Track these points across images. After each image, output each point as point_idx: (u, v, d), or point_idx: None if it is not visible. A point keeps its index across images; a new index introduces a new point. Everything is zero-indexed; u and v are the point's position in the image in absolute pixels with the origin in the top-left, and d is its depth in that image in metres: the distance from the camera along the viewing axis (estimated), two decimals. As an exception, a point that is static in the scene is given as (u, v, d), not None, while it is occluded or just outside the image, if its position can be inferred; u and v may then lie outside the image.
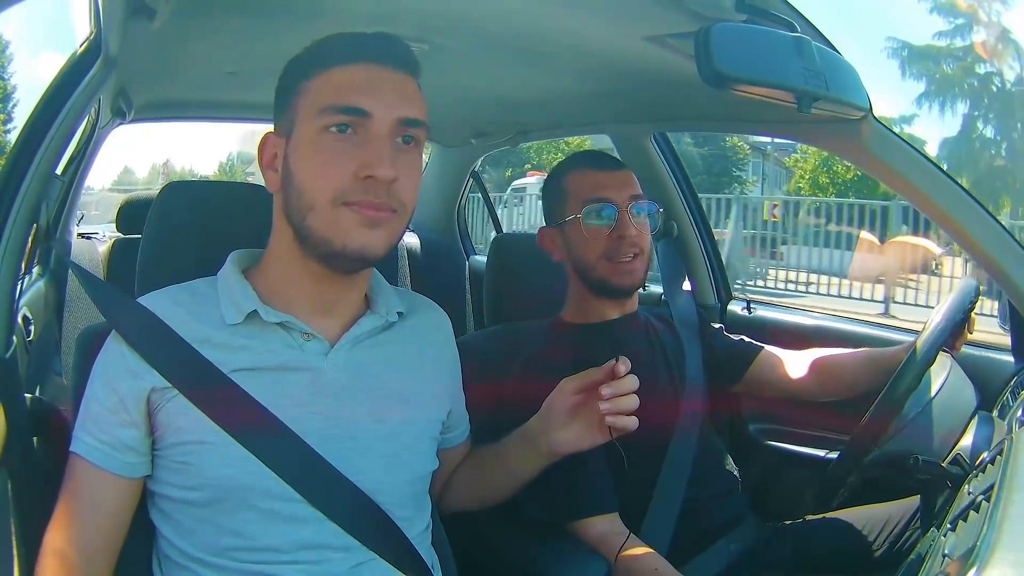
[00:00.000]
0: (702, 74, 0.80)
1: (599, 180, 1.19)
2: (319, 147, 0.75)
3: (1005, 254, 1.06)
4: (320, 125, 0.75)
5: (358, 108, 0.75)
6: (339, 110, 0.75)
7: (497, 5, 0.99)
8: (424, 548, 0.85)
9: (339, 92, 0.75)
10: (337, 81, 0.76)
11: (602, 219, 1.16)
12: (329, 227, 0.75)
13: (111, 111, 1.59)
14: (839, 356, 1.25)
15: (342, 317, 0.83)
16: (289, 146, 0.77)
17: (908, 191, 1.09)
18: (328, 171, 0.74)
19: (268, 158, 0.80)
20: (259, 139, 0.82)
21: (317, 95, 0.76)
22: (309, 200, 0.75)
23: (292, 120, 0.77)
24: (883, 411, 1.01)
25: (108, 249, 2.03)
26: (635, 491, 1.09)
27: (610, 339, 1.20)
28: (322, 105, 0.75)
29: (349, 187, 0.74)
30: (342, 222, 0.74)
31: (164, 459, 0.77)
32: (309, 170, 0.75)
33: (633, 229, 1.16)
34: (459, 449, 1.00)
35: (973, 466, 0.93)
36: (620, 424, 0.84)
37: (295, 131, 0.77)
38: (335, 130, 0.75)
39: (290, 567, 0.76)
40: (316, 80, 0.77)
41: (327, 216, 0.74)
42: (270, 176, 0.80)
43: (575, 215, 1.17)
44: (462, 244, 2.47)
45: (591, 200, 1.17)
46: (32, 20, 1.06)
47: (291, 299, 0.80)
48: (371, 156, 0.74)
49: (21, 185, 0.78)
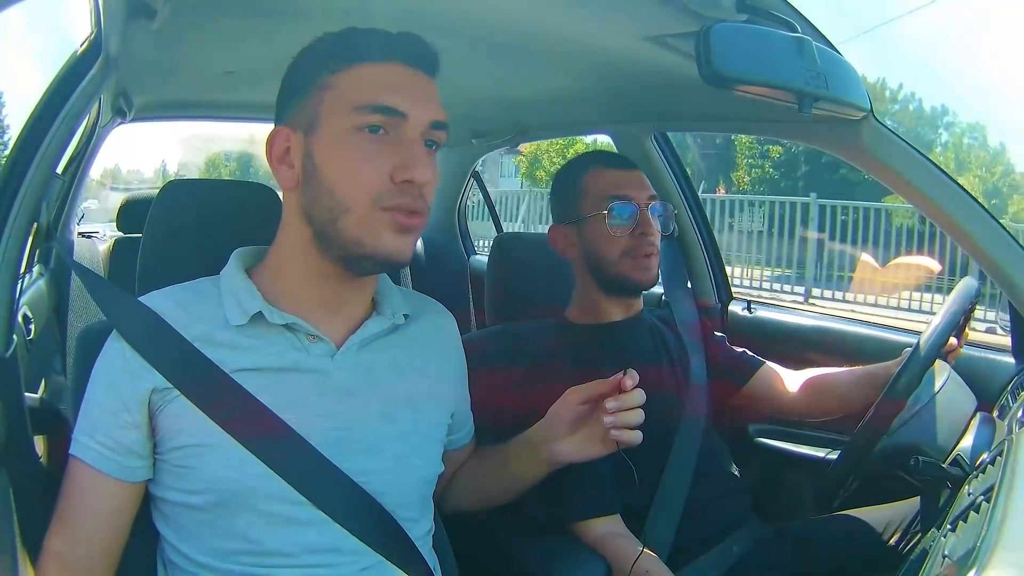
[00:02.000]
0: (702, 74, 0.80)
1: (620, 179, 1.21)
2: (352, 146, 0.73)
3: (1005, 255, 1.06)
4: (353, 123, 0.73)
5: (395, 109, 0.73)
6: (376, 109, 0.73)
7: (498, 5, 0.99)
8: (427, 550, 0.85)
9: (374, 90, 0.73)
10: (369, 78, 0.74)
11: (625, 217, 1.18)
12: (363, 230, 0.73)
13: (111, 110, 1.59)
14: (833, 376, 1.27)
15: (349, 319, 0.82)
16: (313, 142, 0.75)
17: (908, 192, 1.09)
18: (364, 172, 0.73)
19: (279, 153, 0.77)
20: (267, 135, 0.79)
21: (348, 91, 0.74)
22: (344, 202, 0.73)
23: (315, 114, 0.75)
24: (884, 409, 1.01)
25: (109, 248, 2.04)
26: (638, 492, 1.09)
27: (616, 340, 1.21)
28: (357, 103, 0.73)
29: (386, 190, 0.73)
30: (377, 226, 0.73)
31: (166, 463, 0.76)
32: (342, 170, 0.73)
33: (653, 227, 1.18)
34: (463, 451, 0.99)
35: (973, 467, 0.93)
36: (624, 438, 0.84)
37: (321, 126, 0.74)
38: (368, 130, 0.73)
39: (297, 571, 0.75)
40: (344, 75, 0.74)
41: (364, 219, 0.73)
42: (284, 172, 0.77)
43: (597, 212, 1.18)
44: (463, 244, 2.48)
45: (615, 198, 1.18)
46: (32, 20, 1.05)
47: (298, 300, 0.79)
48: (408, 158, 0.73)
49: (21, 184, 0.78)
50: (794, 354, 1.58)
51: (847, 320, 1.66)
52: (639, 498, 1.10)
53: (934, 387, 1.03)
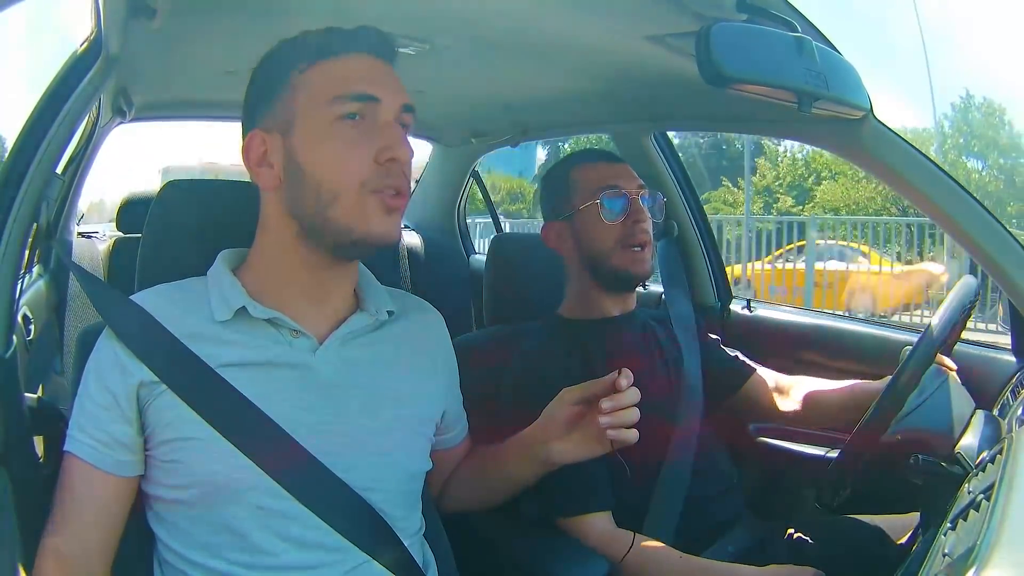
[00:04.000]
0: (703, 74, 0.80)
1: (609, 171, 1.22)
2: (334, 136, 0.76)
3: (1005, 254, 1.06)
4: (332, 115, 0.76)
5: (370, 95, 0.76)
6: (353, 98, 0.76)
7: (498, 5, 0.99)
8: (416, 548, 0.85)
9: (346, 82, 0.76)
10: (338, 72, 0.77)
11: (616, 206, 1.19)
12: (353, 215, 0.76)
13: (112, 110, 1.59)
14: (824, 391, 1.27)
15: (332, 315, 0.83)
16: (292, 141, 0.77)
17: (908, 191, 1.09)
18: (349, 159, 0.75)
19: (257, 156, 0.79)
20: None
21: (321, 85, 0.76)
22: (332, 190, 0.75)
23: (290, 113, 0.77)
24: (885, 408, 1.01)
25: (108, 248, 2.03)
26: (635, 491, 1.10)
27: (609, 335, 1.21)
28: (332, 95, 0.75)
29: (371, 174, 0.75)
30: (367, 210, 0.76)
31: (155, 458, 0.77)
32: (327, 161, 0.76)
33: (645, 215, 1.19)
34: (457, 450, 0.99)
35: (973, 465, 0.93)
36: (621, 438, 0.84)
37: (299, 124, 0.77)
38: (348, 118, 0.76)
39: (284, 572, 0.76)
40: (313, 71, 0.77)
41: (353, 205, 0.75)
42: (264, 173, 0.79)
43: (590, 203, 1.19)
44: (463, 244, 2.48)
45: (606, 187, 1.19)
46: (32, 20, 1.05)
47: (281, 294, 0.80)
48: (389, 139, 0.76)
49: (21, 184, 0.78)
50: (794, 353, 1.59)
51: (847, 319, 1.66)
52: (637, 496, 1.10)
53: (933, 387, 1.03)
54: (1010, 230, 1.08)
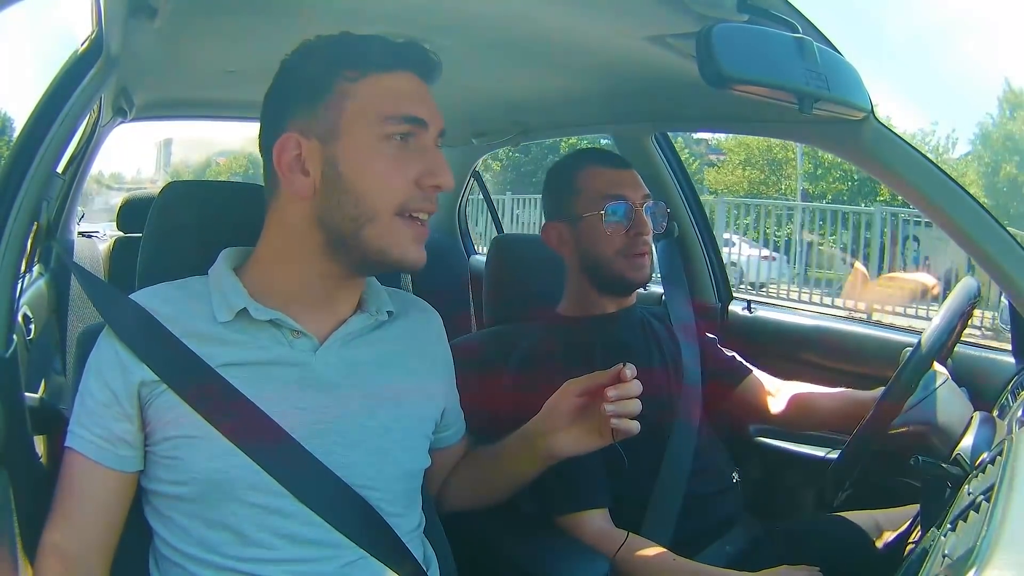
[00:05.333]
0: (703, 74, 0.79)
1: (616, 178, 1.22)
2: (382, 154, 0.76)
3: (1005, 255, 1.06)
4: (384, 132, 0.76)
5: (420, 118, 0.77)
6: (405, 119, 0.76)
7: (498, 5, 0.99)
8: (416, 546, 0.85)
9: (397, 101, 0.77)
10: (390, 88, 0.77)
11: (620, 217, 1.19)
12: (386, 239, 0.76)
13: (112, 110, 1.59)
14: (816, 396, 1.27)
15: (333, 316, 0.83)
16: (335, 151, 0.76)
17: (909, 192, 1.09)
18: (393, 179, 0.76)
19: (290, 160, 0.77)
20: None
21: (373, 100, 0.76)
22: (371, 207, 0.75)
23: (336, 123, 0.76)
24: (885, 407, 1.01)
25: (109, 248, 2.04)
26: (634, 488, 1.10)
27: (607, 331, 1.21)
28: (384, 113, 0.76)
29: (411, 195, 0.76)
30: (400, 235, 0.77)
31: (154, 455, 0.77)
32: (370, 177, 0.76)
33: (647, 227, 1.20)
34: (455, 448, 1.00)
35: (973, 466, 0.92)
36: (623, 427, 0.85)
37: (344, 135, 0.76)
38: (396, 138, 0.76)
39: (279, 566, 0.76)
40: (363, 85, 0.76)
41: (386, 227, 0.76)
42: (298, 180, 0.77)
43: (594, 212, 1.19)
44: (463, 244, 2.48)
45: (611, 197, 1.19)
46: (33, 20, 1.06)
47: (285, 297, 0.80)
48: (434, 166, 0.77)
49: (22, 183, 0.78)
50: (794, 354, 1.59)
51: (847, 320, 1.66)
52: (636, 494, 1.10)
53: (933, 386, 1.03)
54: (1010, 230, 1.08)
